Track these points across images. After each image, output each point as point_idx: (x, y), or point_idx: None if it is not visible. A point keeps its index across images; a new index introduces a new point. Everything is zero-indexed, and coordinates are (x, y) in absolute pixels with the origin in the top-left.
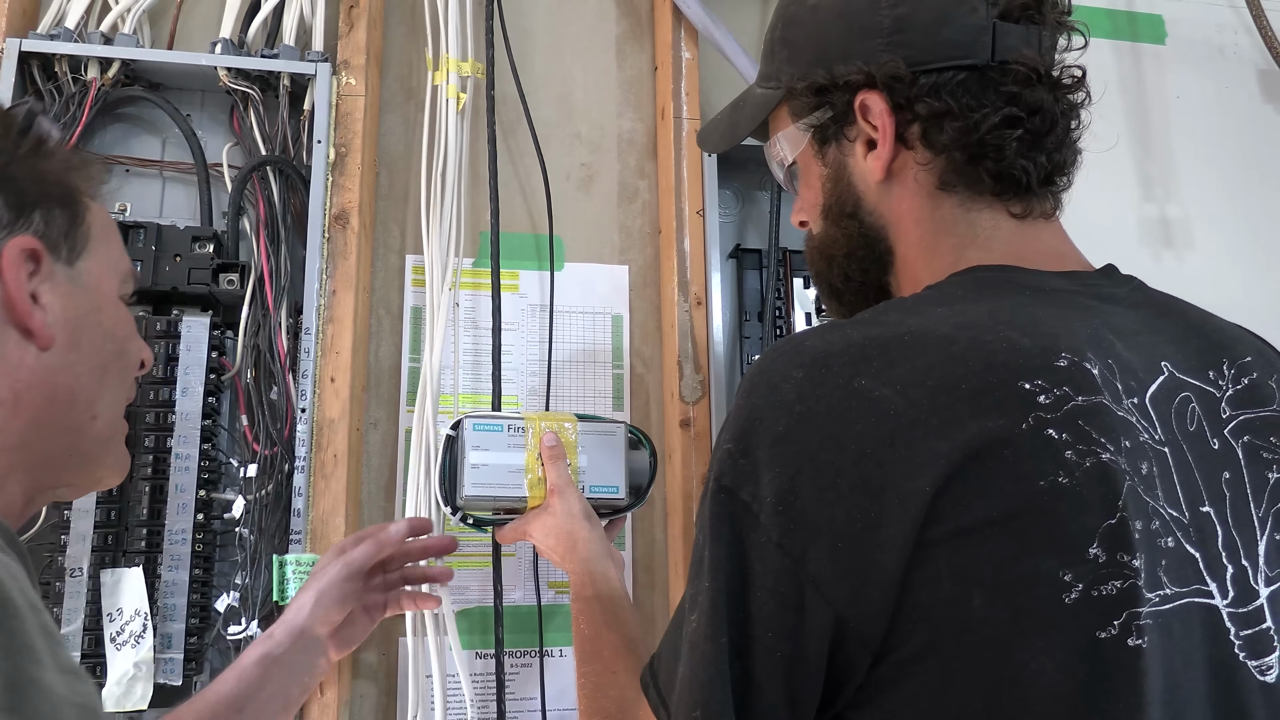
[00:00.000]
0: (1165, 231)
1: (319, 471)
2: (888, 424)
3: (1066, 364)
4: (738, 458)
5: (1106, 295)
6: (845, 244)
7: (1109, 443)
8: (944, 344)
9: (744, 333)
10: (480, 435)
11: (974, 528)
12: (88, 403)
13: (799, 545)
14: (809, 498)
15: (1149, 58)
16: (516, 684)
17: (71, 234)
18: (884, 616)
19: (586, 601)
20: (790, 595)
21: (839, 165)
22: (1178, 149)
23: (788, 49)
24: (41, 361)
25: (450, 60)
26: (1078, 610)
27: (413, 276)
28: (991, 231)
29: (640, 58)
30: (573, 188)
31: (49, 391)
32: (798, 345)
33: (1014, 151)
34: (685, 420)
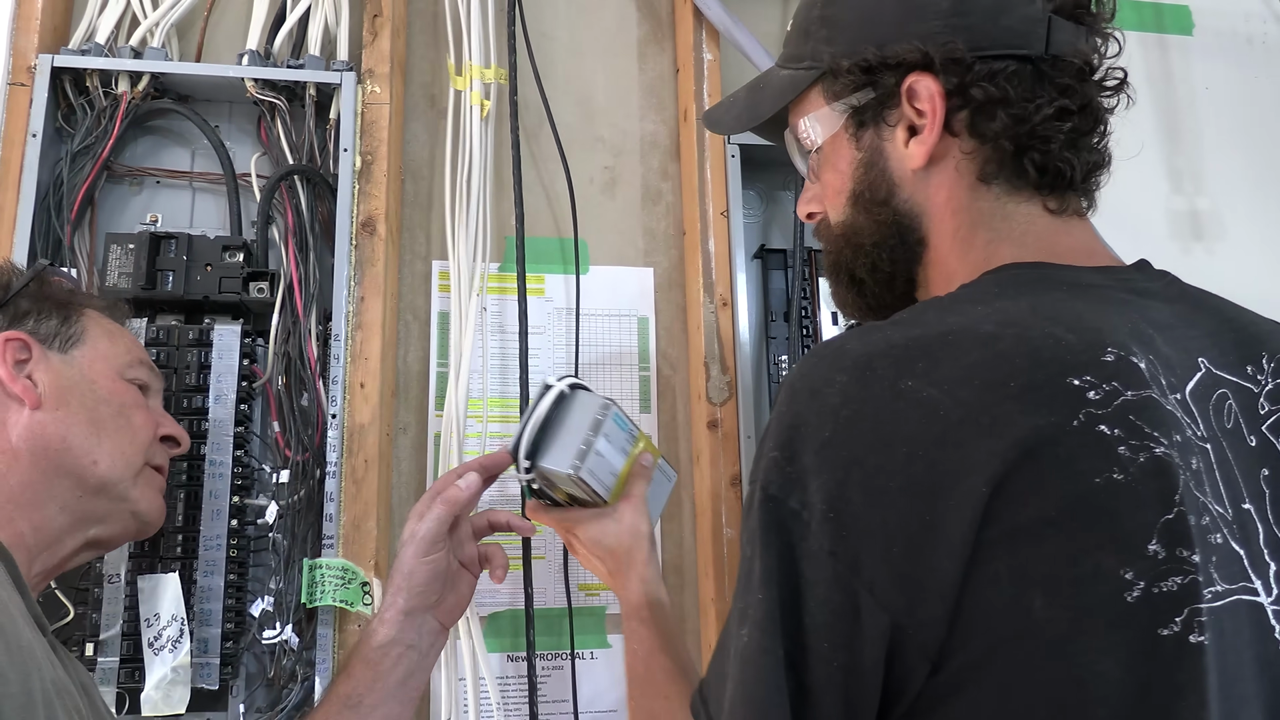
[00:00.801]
0: (1195, 224)
1: (350, 476)
2: (937, 424)
3: (1113, 358)
4: (784, 465)
5: (1142, 289)
6: (875, 232)
7: (1162, 436)
8: (988, 341)
9: (770, 333)
10: (614, 426)
11: (1031, 527)
12: (85, 450)
13: (852, 551)
14: (860, 502)
15: (1176, 49)
16: (549, 687)
17: (63, 331)
18: (942, 622)
19: (643, 624)
20: (845, 603)
21: (875, 150)
22: (1206, 141)
23: (828, 28)
24: (33, 418)
25: (473, 67)
26: (1140, 608)
27: (439, 282)
28: (1027, 227)
29: (662, 60)
30: (596, 191)
31: (42, 441)
32: (838, 349)
33: (1059, 145)
34: (713, 421)
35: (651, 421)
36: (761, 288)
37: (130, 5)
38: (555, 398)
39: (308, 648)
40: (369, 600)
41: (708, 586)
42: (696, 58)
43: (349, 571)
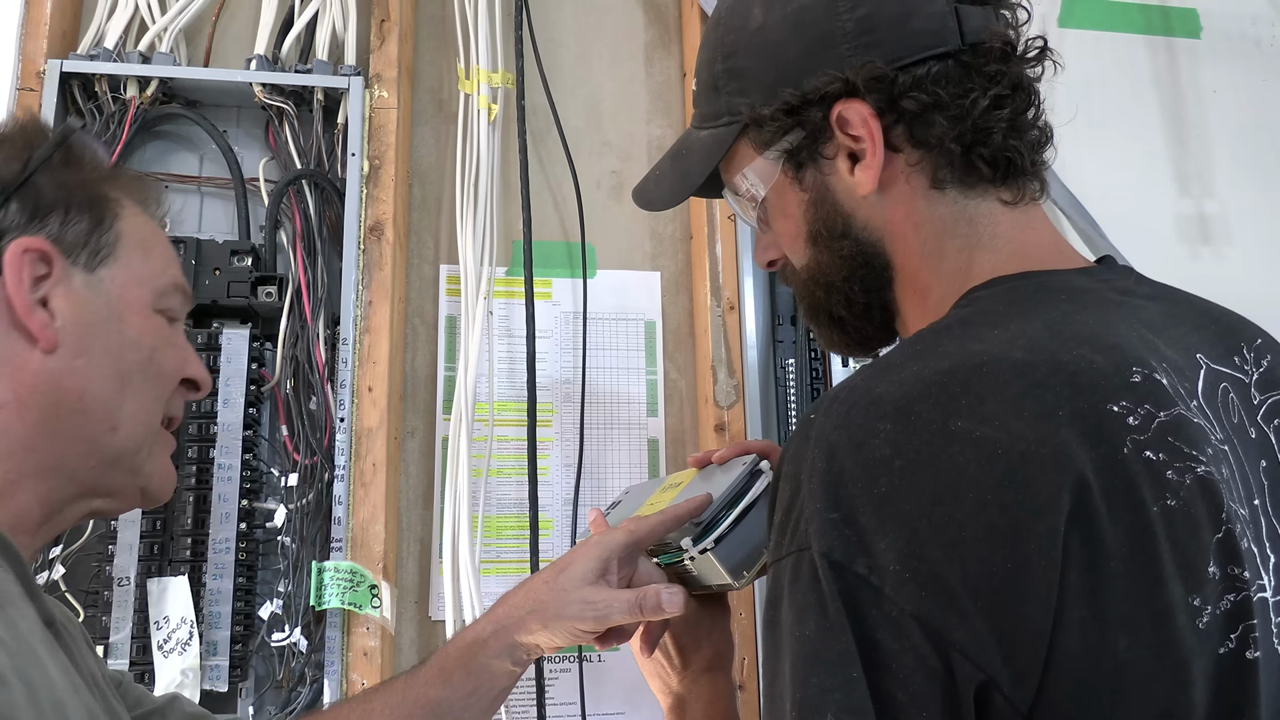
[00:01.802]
0: (1203, 227)
1: (358, 480)
2: (999, 464)
3: (1140, 379)
4: (841, 527)
5: (1122, 289)
6: (842, 267)
7: (1199, 455)
8: (1024, 370)
9: (777, 337)
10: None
11: (1105, 565)
12: (105, 412)
13: (936, 611)
14: (935, 558)
15: (1184, 53)
16: (556, 689)
17: (93, 240)
18: (1034, 675)
19: None
20: (937, 667)
21: (820, 186)
22: (1214, 144)
23: (736, 79)
24: (46, 365)
25: (480, 71)
26: (1209, 632)
27: (447, 286)
28: (992, 228)
29: (668, 64)
30: (603, 195)
31: (54, 397)
32: (869, 394)
33: (1001, 133)
34: (720, 425)
35: (659, 426)
36: (768, 291)
37: (139, 10)
38: (762, 488)
39: (316, 650)
40: (377, 603)
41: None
42: None
43: (357, 574)
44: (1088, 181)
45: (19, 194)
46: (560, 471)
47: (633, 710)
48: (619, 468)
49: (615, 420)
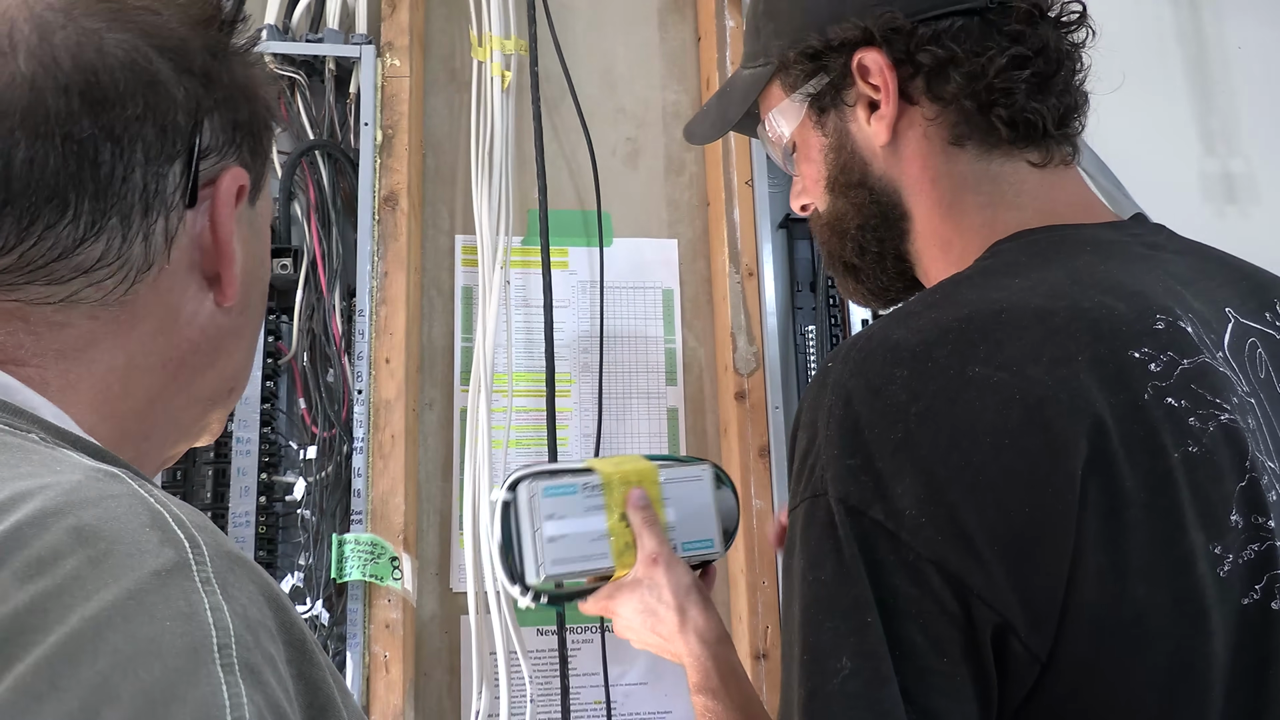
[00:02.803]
0: (1228, 186)
1: (377, 452)
2: (1015, 409)
3: (1164, 325)
4: (859, 473)
5: (1151, 243)
6: (857, 215)
7: (1224, 402)
8: (1043, 317)
9: (796, 303)
10: (553, 501)
11: (1125, 511)
12: (234, 372)
13: (953, 556)
14: (953, 503)
15: (1208, 8)
16: (579, 660)
17: (260, 166)
18: (1052, 621)
19: (713, 696)
20: (957, 612)
21: (841, 133)
22: (1240, 101)
23: (773, 21)
24: (214, 321)
25: (493, 38)
26: (1231, 581)
27: (463, 257)
28: (1018, 186)
29: (683, 28)
30: (619, 162)
31: (211, 357)
32: (886, 341)
33: (1024, 94)
34: (740, 393)
35: (678, 394)
36: (787, 257)
37: None
38: (502, 513)
39: (338, 623)
40: (398, 575)
41: (737, 558)
42: (719, 25)
43: (378, 546)
44: (1111, 141)
45: (221, 100)
46: (579, 441)
47: (655, 680)
48: (638, 437)
49: (634, 389)
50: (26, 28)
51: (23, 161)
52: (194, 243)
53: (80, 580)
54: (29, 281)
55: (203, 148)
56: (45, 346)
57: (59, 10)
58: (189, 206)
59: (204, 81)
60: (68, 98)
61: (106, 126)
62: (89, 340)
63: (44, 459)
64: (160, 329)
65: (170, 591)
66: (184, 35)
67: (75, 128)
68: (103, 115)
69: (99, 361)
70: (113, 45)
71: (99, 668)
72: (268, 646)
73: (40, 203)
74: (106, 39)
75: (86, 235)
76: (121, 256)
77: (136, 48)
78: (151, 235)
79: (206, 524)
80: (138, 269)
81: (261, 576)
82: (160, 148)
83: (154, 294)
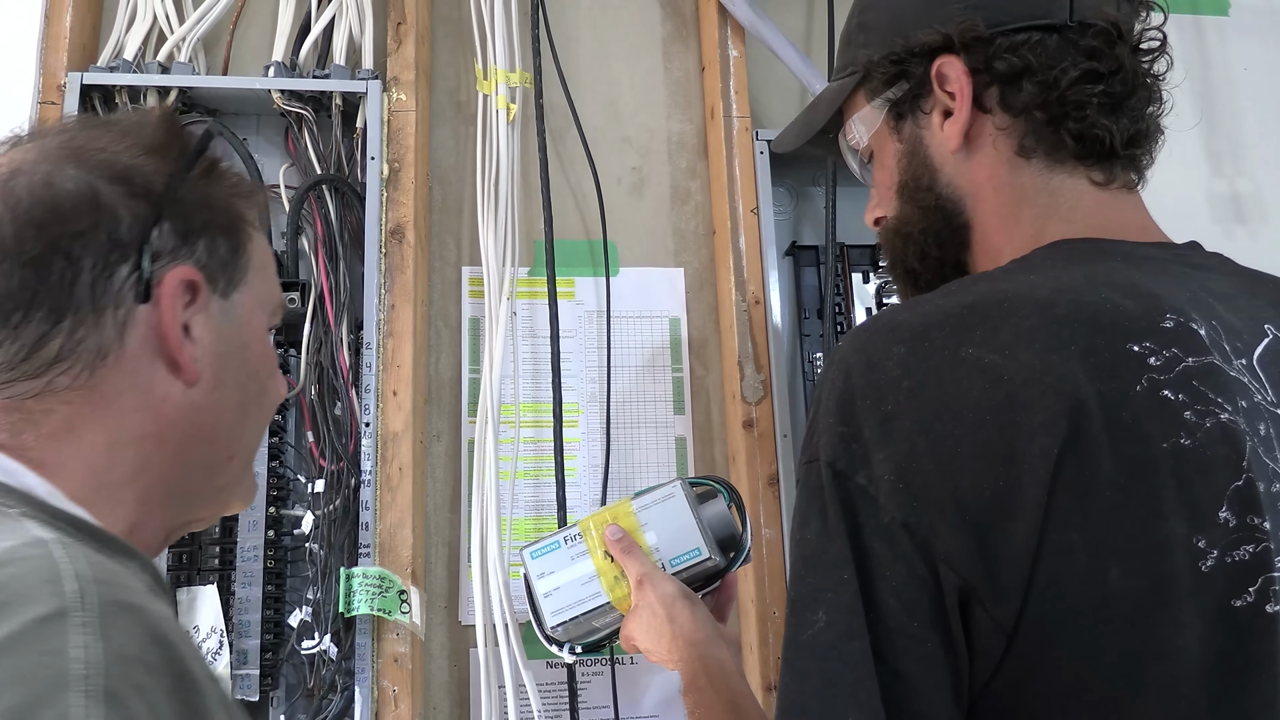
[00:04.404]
0: (1237, 207)
1: (385, 485)
2: (1001, 389)
3: (1173, 324)
4: (849, 440)
5: (1197, 264)
6: (921, 219)
7: (1226, 402)
8: (1045, 307)
9: (804, 330)
10: (540, 561)
11: (1102, 492)
12: (226, 442)
13: (925, 522)
14: (929, 471)
15: (1212, 30)
16: (589, 693)
17: (231, 265)
18: (1018, 593)
19: (701, 693)
20: (925, 576)
21: (915, 140)
22: (1246, 123)
23: (864, 33)
24: (187, 398)
25: (498, 71)
26: (1213, 578)
27: (469, 288)
28: (1074, 202)
29: (687, 58)
30: (624, 192)
31: (191, 430)
32: (890, 321)
33: (1095, 111)
34: (748, 421)
35: (686, 423)
36: (794, 285)
37: (157, 21)
38: (525, 585)
39: (346, 657)
40: (406, 608)
41: (747, 587)
42: (722, 54)
43: (386, 580)
44: None
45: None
46: (587, 472)
47: (667, 713)
48: (646, 467)
49: (642, 419)
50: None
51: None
52: (152, 332)
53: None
54: (15, 379)
55: (155, 251)
56: (40, 432)
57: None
58: (142, 301)
59: (149, 200)
60: (18, 228)
61: (54, 242)
62: (72, 422)
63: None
64: (136, 408)
65: (47, 633)
66: (132, 164)
67: (28, 250)
68: (51, 234)
69: (84, 440)
70: (63, 180)
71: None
72: (141, 678)
73: (8, 313)
74: (57, 175)
75: (46, 334)
76: (78, 348)
77: (84, 179)
78: (102, 328)
79: (112, 579)
80: (96, 357)
81: (152, 621)
82: (108, 255)
83: (120, 377)
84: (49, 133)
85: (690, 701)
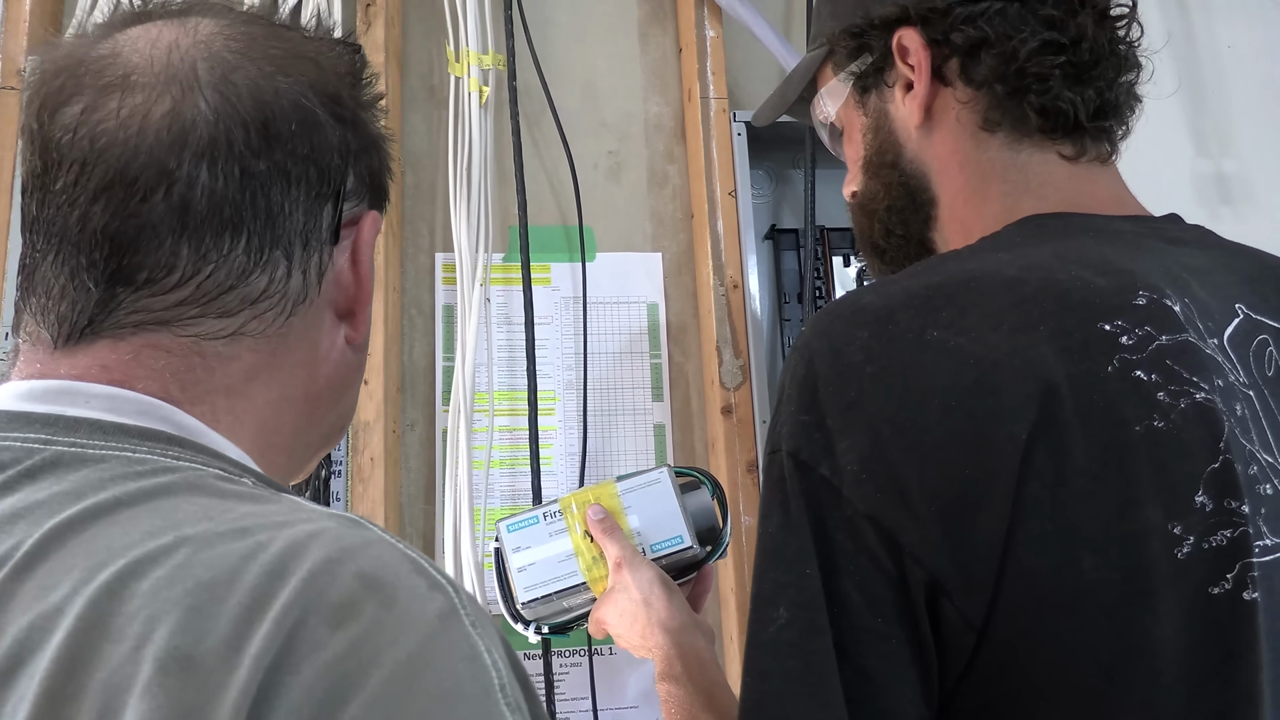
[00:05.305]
0: (1222, 187)
1: (356, 475)
2: (969, 372)
3: (1145, 301)
4: (811, 430)
5: (1174, 238)
6: (885, 196)
7: (1202, 382)
8: (1013, 286)
9: (784, 315)
10: (517, 535)
11: (1073, 480)
12: (349, 409)
13: (889, 512)
14: (894, 460)
15: (1197, 8)
16: (566, 685)
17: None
18: (988, 587)
19: (675, 682)
20: (891, 571)
21: (879, 113)
22: (1233, 102)
23: (831, 4)
24: (344, 356)
25: (470, 53)
26: (1190, 565)
27: (443, 275)
28: (1044, 177)
29: (664, 40)
30: (601, 177)
31: (339, 393)
32: (854, 304)
33: (1059, 83)
34: (727, 407)
35: (664, 411)
36: (774, 269)
37: (121, 2)
38: (495, 560)
39: None
40: None
41: (727, 576)
42: (699, 36)
43: None
44: None
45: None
46: (564, 460)
47: (647, 704)
48: (625, 454)
49: (620, 406)
50: (207, 66)
51: (203, 191)
52: (334, 280)
53: (382, 625)
54: (202, 315)
55: (348, 190)
56: (217, 382)
57: (236, 53)
58: (334, 244)
59: (352, 130)
60: (247, 133)
61: (279, 164)
62: (251, 374)
63: (286, 506)
64: (304, 362)
65: (453, 635)
66: (338, 86)
67: (252, 163)
68: (276, 152)
69: (258, 395)
70: (285, 88)
71: (420, 707)
72: (517, 685)
73: (216, 233)
74: (280, 82)
75: (254, 267)
76: (283, 288)
77: (304, 93)
78: (308, 269)
79: None
80: (295, 301)
81: (486, 615)
82: (318, 188)
83: (303, 327)
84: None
85: (664, 690)
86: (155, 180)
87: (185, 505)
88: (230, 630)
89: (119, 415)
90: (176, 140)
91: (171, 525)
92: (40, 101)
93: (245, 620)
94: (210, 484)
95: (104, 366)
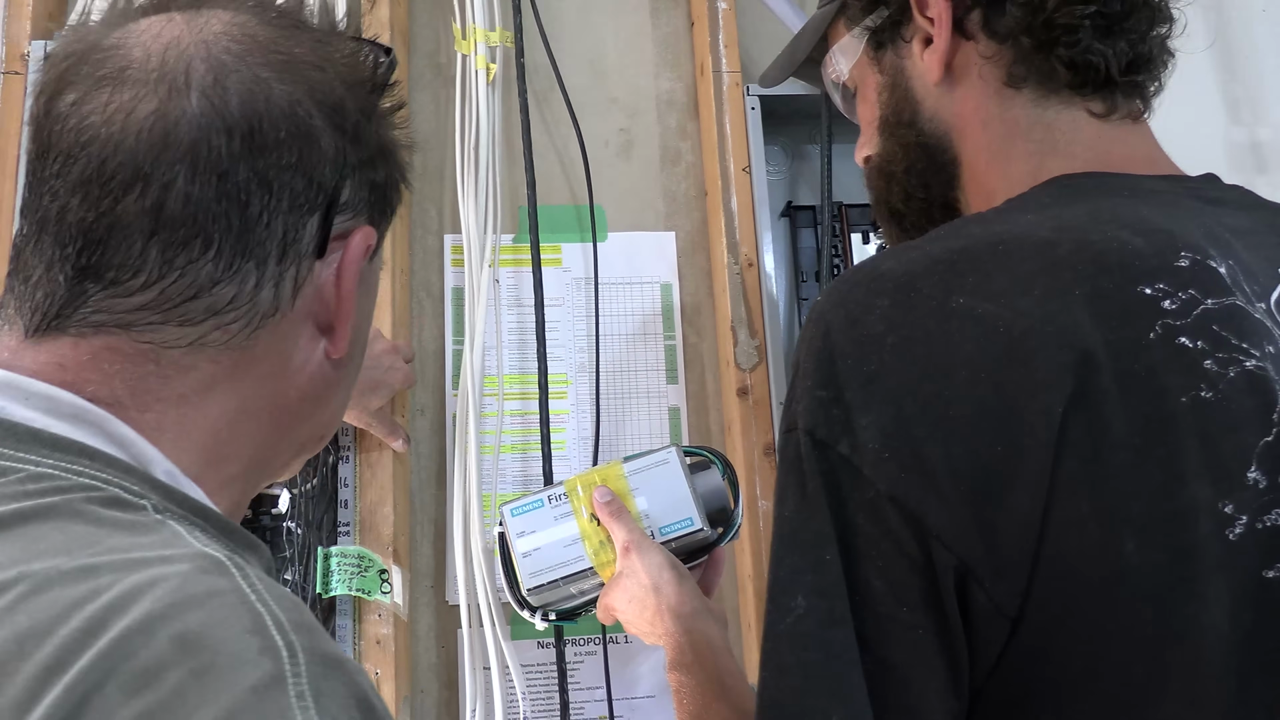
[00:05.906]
0: (1257, 156)
1: (365, 461)
2: (997, 341)
3: (1188, 263)
4: (829, 405)
5: (1213, 198)
6: (904, 157)
7: (1252, 348)
8: (1045, 248)
9: (801, 294)
10: (521, 519)
11: (1114, 456)
12: (327, 420)
13: (914, 493)
14: (917, 437)
15: None
16: (580, 674)
17: (385, 226)
18: (1022, 572)
19: (687, 670)
20: (916, 555)
21: (896, 70)
22: (1266, 66)
23: None
24: (320, 369)
25: (477, 30)
26: (1243, 547)
27: (452, 257)
28: (1072, 135)
29: (675, 13)
30: (612, 154)
31: (308, 405)
32: (873, 271)
33: (1089, 35)
34: (743, 388)
35: (679, 393)
36: (790, 247)
37: None
38: (499, 545)
39: None
40: (387, 588)
41: (744, 562)
42: (711, 8)
43: (365, 559)
44: None
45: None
46: (577, 444)
47: (664, 693)
48: (638, 438)
49: (633, 389)
50: (203, 68)
51: (178, 195)
52: (316, 294)
53: (182, 696)
54: (164, 321)
55: (340, 203)
56: (170, 391)
57: (235, 55)
58: (318, 258)
59: (352, 141)
60: (230, 139)
61: (260, 172)
62: (208, 384)
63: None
64: (271, 375)
65: (266, 709)
66: (342, 94)
67: (233, 169)
68: (259, 160)
69: (214, 406)
70: (279, 95)
71: None
72: None
73: (187, 239)
74: (275, 88)
75: (222, 276)
76: (251, 300)
77: (299, 101)
78: (281, 283)
79: (304, 621)
80: (263, 314)
81: (353, 678)
82: (304, 199)
83: (272, 340)
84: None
85: (675, 679)
86: (131, 179)
87: (53, 534)
88: (23, 693)
89: (49, 419)
90: (157, 141)
91: (25, 558)
92: (42, 86)
93: (41, 681)
94: (91, 510)
95: (60, 365)
